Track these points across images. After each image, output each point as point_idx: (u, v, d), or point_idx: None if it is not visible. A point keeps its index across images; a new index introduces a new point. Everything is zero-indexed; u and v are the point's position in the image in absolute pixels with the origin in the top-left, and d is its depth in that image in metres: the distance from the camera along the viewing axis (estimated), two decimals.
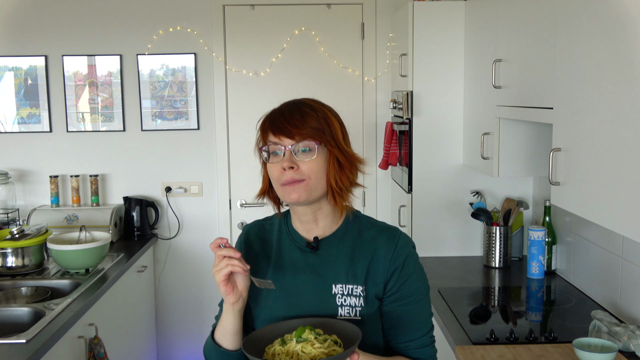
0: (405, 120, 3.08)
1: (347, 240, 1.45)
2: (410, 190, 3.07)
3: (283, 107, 1.41)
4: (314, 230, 1.45)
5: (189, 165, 3.74)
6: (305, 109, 1.38)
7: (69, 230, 3.29)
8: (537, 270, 2.72)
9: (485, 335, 2.06)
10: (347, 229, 1.46)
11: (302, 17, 3.65)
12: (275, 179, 1.39)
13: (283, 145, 1.36)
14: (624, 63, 1.48)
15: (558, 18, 1.84)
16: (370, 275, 1.41)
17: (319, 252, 1.44)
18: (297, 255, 1.45)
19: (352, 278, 1.41)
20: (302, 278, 1.43)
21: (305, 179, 1.35)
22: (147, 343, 3.60)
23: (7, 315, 2.42)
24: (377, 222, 1.49)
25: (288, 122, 1.35)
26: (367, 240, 1.44)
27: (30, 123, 3.66)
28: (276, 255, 1.47)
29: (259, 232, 1.53)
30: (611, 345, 1.82)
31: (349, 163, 1.41)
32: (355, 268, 1.41)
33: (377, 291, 1.41)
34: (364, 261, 1.42)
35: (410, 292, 1.42)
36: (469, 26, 2.93)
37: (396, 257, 1.41)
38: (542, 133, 2.57)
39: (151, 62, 3.65)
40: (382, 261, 1.41)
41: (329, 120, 1.39)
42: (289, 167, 1.35)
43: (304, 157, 1.35)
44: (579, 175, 1.73)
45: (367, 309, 1.40)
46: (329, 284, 1.41)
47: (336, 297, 1.40)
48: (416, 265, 1.45)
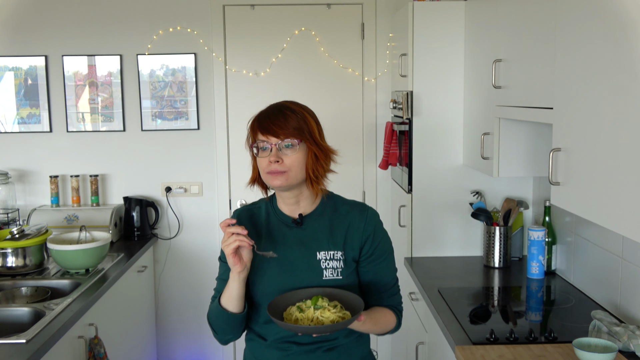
0: (405, 120, 3.08)
1: (325, 215, 1.76)
2: (410, 190, 3.07)
3: (268, 110, 1.71)
4: (296, 210, 1.76)
5: (189, 165, 3.74)
6: (286, 112, 1.67)
7: (69, 230, 3.29)
8: (537, 270, 2.72)
9: (485, 335, 2.06)
10: (325, 207, 1.77)
11: (302, 17, 3.66)
12: (263, 169, 1.68)
13: (270, 142, 1.65)
14: (624, 63, 1.48)
15: (558, 18, 1.84)
16: (347, 242, 1.73)
17: (304, 227, 1.75)
18: (285, 231, 1.75)
19: (333, 245, 1.73)
20: (291, 249, 1.73)
21: (287, 170, 1.65)
22: (147, 343, 3.60)
23: (7, 315, 2.42)
24: (349, 200, 1.82)
25: (273, 123, 1.65)
26: (342, 214, 1.77)
27: (30, 123, 3.66)
28: (266, 232, 1.76)
29: (248, 214, 1.81)
30: (611, 345, 1.82)
31: (324, 155, 1.71)
32: (335, 237, 1.73)
33: (354, 255, 1.74)
34: (341, 231, 1.74)
35: (381, 253, 1.77)
36: (469, 26, 2.93)
37: (367, 226, 1.75)
38: (542, 133, 2.57)
39: (151, 62, 3.65)
40: (357, 230, 1.74)
41: (307, 120, 1.68)
42: (275, 161, 1.64)
43: (287, 152, 1.65)
44: (579, 175, 1.73)
45: (346, 269, 1.72)
46: (314, 251, 1.72)
47: (320, 261, 1.71)
48: (383, 231, 1.80)
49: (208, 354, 3.85)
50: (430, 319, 2.53)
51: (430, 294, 2.55)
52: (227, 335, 1.75)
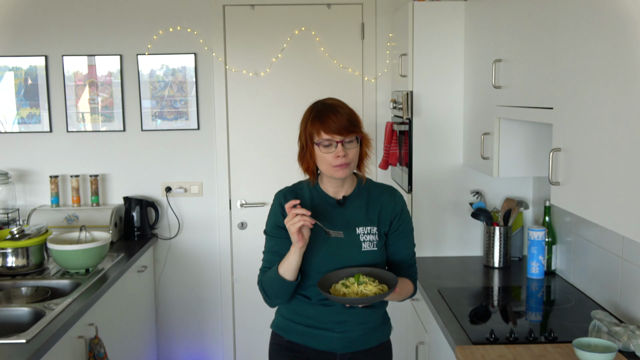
0: (405, 120, 3.08)
1: (361, 196, 2.05)
2: (410, 190, 3.07)
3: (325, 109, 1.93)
4: (340, 192, 2.04)
5: (189, 165, 3.74)
6: (341, 111, 1.93)
7: (69, 230, 3.29)
8: (537, 270, 2.72)
9: (485, 335, 2.06)
10: (361, 189, 2.06)
11: (302, 17, 3.65)
12: (329, 163, 1.92)
13: (336, 140, 1.90)
14: (623, 63, 1.48)
15: (558, 18, 1.84)
16: (381, 219, 2.03)
17: (345, 207, 2.03)
18: (329, 210, 2.02)
19: (369, 222, 2.02)
20: (336, 225, 1.99)
21: (350, 162, 1.93)
22: (147, 343, 3.60)
23: (7, 315, 2.42)
24: (379, 183, 2.12)
25: (336, 123, 1.90)
26: (375, 195, 2.06)
27: (30, 123, 3.66)
28: (312, 211, 1.94)
29: (294, 194, 2.04)
30: (611, 345, 1.82)
31: (369, 146, 2.03)
32: (370, 215, 2.03)
33: (385, 229, 2.04)
34: (375, 210, 2.04)
35: (405, 229, 2.08)
36: (469, 26, 2.93)
37: (396, 205, 2.06)
38: (542, 133, 2.57)
39: (151, 62, 3.65)
40: (388, 208, 2.05)
41: (354, 115, 1.97)
42: (343, 155, 1.90)
43: (349, 146, 1.93)
44: (579, 175, 1.73)
45: (380, 242, 2.03)
46: (354, 227, 2.01)
47: (359, 235, 2.00)
48: (407, 212, 2.11)
49: (208, 354, 3.85)
50: (430, 319, 2.53)
51: (430, 294, 2.55)
52: (279, 299, 2.00)
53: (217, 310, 3.81)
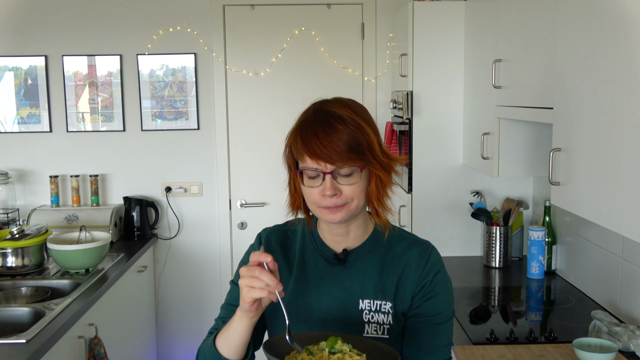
0: (405, 120, 3.08)
1: (376, 252, 1.37)
2: (410, 190, 3.07)
3: (313, 120, 1.28)
4: (343, 242, 1.38)
5: (189, 165, 3.74)
6: (337, 124, 1.26)
7: (69, 230, 3.29)
8: (537, 270, 2.72)
9: (485, 335, 2.06)
10: (377, 240, 1.38)
11: (302, 17, 3.65)
12: (313, 201, 1.30)
13: (323, 171, 1.26)
14: (623, 63, 1.48)
15: (558, 18, 1.84)
16: (399, 292, 1.34)
17: (347, 265, 1.37)
18: (322, 266, 1.38)
19: (381, 294, 1.34)
20: (328, 291, 1.36)
21: (347, 202, 1.28)
22: (147, 343, 3.60)
23: (7, 315, 2.42)
24: (408, 235, 1.42)
25: (324, 144, 1.24)
26: (397, 253, 1.37)
27: (30, 123, 3.66)
28: (299, 266, 1.40)
29: (281, 238, 1.44)
30: (611, 345, 1.82)
31: (388, 173, 1.32)
32: (384, 283, 1.35)
33: (405, 308, 1.34)
34: (393, 276, 1.35)
35: (432, 312, 1.34)
36: (469, 26, 2.93)
37: (427, 272, 1.35)
38: (542, 133, 2.57)
39: (151, 62, 3.65)
40: (412, 276, 1.34)
41: (364, 132, 1.27)
42: (332, 195, 1.26)
43: (345, 180, 1.27)
44: (579, 175, 1.73)
45: (395, 327, 1.33)
46: (356, 298, 1.34)
47: (363, 312, 1.33)
48: (445, 285, 1.37)
49: None
50: None
51: None
52: None
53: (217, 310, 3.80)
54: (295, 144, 1.29)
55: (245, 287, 1.17)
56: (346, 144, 1.24)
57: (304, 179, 1.29)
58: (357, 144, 1.25)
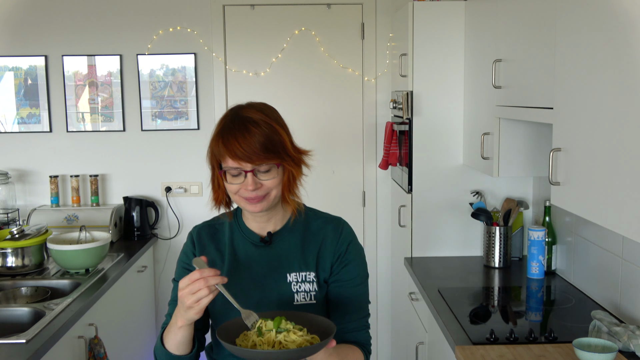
0: (405, 120, 3.08)
1: (296, 231, 1.59)
2: (410, 190, 3.07)
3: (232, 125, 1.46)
4: (266, 227, 1.59)
5: (189, 165, 3.74)
6: (253, 128, 1.44)
7: (69, 230, 3.29)
8: (537, 270, 2.72)
9: (485, 335, 2.06)
10: (296, 222, 1.60)
11: (302, 17, 3.65)
12: (235, 193, 1.50)
13: (244, 170, 1.45)
14: (624, 63, 1.48)
15: (558, 18, 1.84)
16: (320, 262, 1.57)
17: (273, 246, 1.58)
18: (251, 251, 1.58)
19: (305, 266, 1.56)
20: (259, 271, 1.56)
21: (267, 193, 1.49)
22: (147, 343, 3.60)
23: (7, 315, 2.42)
24: (322, 213, 1.65)
25: (243, 146, 1.42)
26: (314, 230, 1.59)
27: (30, 123, 3.66)
28: (230, 253, 1.59)
29: (210, 232, 1.64)
30: (611, 345, 1.81)
31: (299, 167, 1.53)
32: (307, 256, 1.57)
33: (326, 276, 1.57)
34: (313, 249, 1.57)
35: (348, 277, 1.57)
36: (469, 26, 2.93)
37: (341, 243, 1.58)
38: (542, 133, 2.57)
39: (151, 62, 3.65)
40: (329, 248, 1.57)
41: (277, 132, 1.47)
42: (253, 189, 1.46)
43: (264, 176, 1.47)
44: (579, 175, 1.73)
45: (320, 292, 1.55)
46: (284, 273, 1.55)
47: (291, 284, 1.54)
48: (357, 252, 1.60)
49: None
50: (430, 319, 2.53)
51: (430, 294, 2.55)
52: None
53: None
54: (218, 147, 1.46)
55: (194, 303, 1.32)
56: (262, 145, 1.43)
57: (228, 177, 1.48)
58: (272, 144, 1.45)
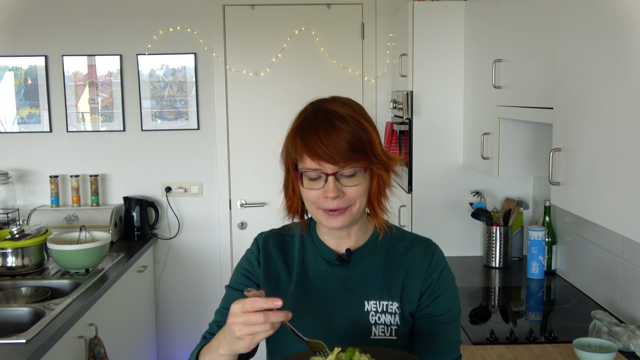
0: (405, 120, 3.08)
1: (379, 252, 1.34)
2: (410, 190, 3.07)
3: (313, 120, 1.24)
4: (345, 243, 1.34)
5: (189, 165, 3.74)
6: (339, 123, 1.22)
7: (69, 230, 3.29)
8: (537, 270, 2.72)
9: (485, 335, 2.06)
10: (378, 240, 1.35)
11: (302, 17, 3.65)
12: (313, 202, 1.26)
13: (325, 172, 1.22)
14: (623, 63, 1.48)
15: (558, 18, 1.84)
16: (405, 291, 1.31)
17: (350, 266, 1.33)
18: (324, 269, 1.33)
19: (387, 294, 1.30)
20: (331, 294, 1.31)
21: (350, 205, 1.25)
22: (147, 343, 3.60)
23: (7, 315, 2.42)
24: (409, 233, 1.40)
25: (326, 145, 1.20)
26: (400, 252, 1.34)
27: (30, 123, 3.66)
28: (299, 268, 1.35)
29: (278, 242, 1.39)
30: (611, 345, 1.82)
31: (389, 173, 1.29)
32: (390, 283, 1.31)
33: (412, 308, 1.31)
34: (398, 275, 1.32)
35: (441, 310, 1.31)
36: (469, 26, 2.93)
37: (432, 270, 1.32)
38: (542, 133, 2.57)
39: (151, 62, 3.65)
40: (418, 274, 1.31)
41: (366, 131, 1.25)
42: (334, 197, 1.22)
43: (348, 182, 1.23)
44: (579, 175, 1.73)
45: (403, 327, 1.29)
46: (362, 300, 1.30)
47: (369, 314, 1.29)
48: (451, 282, 1.34)
49: None
50: None
51: None
52: None
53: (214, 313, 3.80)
54: (295, 145, 1.25)
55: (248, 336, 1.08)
56: (349, 143, 1.21)
57: (304, 181, 1.25)
58: (360, 143, 1.22)
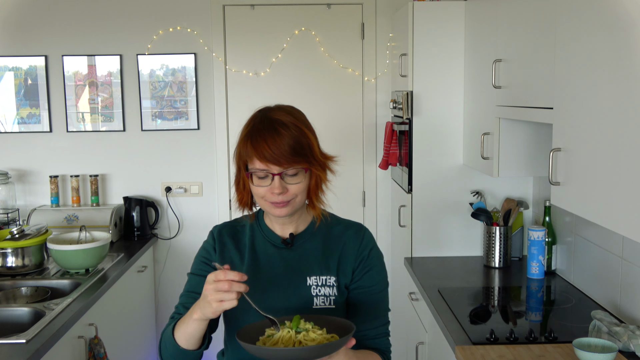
0: (405, 120, 3.08)
1: (318, 235, 1.59)
2: (410, 190, 3.07)
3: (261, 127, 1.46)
4: (288, 229, 1.58)
5: (189, 165, 3.74)
6: (282, 130, 1.43)
7: (69, 230, 3.29)
8: (537, 270, 2.72)
9: (485, 335, 2.06)
10: (318, 226, 1.59)
11: (302, 17, 3.66)
12: (261, 196, 1.49)
13: (271, 172, 1.44)
14: (623, 63, 1.48)
15: (558, 18, 1.84)
16: (341, 267, 1.55)
17: (293, 248, 1.58)
18: (271, 252, 1.57)
19: (325, 270, 1.55)
20: (278, 272, 1.55)
21: (292, 198, 1.48)
22: (147, 343, 3.60)
23: (7, 315, 2.42)
24: (342, 219, 1.65)
25: (272, 149, 1.42)
26: (335, 235, 1.59)
27: (30, 123, 3.66)
28: (250, 253, 1.58)
29: (231, 232, 1.63)
30: (611, 345, 1.82)
31: (325, 171, 1.52)
32: (328, 260, 1.56)
33: (347, 281, 1.56)
34: (334, 254, 1.57)
35: (370, 283, 1.56)
36: (469, 26, 2.93)
37: (363, 249, 1.57)
38: (542, 133, 2.57)
39: (151, 62, 3.65)
40: (351, 253, 1.57)
41: (306, 136, 1.46)
42: (279, 193, 1.45)
43: (291, 180, 1.46)
44: (579, 175, 1.73)
45: (340, 297, 1.54)
46: (304, 276, 1.54)
47: (311, 288, 1.53)
48: (379, 259, 1.60)
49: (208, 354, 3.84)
50: (430, 319, 2.53)
51: (430, 294, 2.55)
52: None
53: None
54: (246, 148, 1.46)
55: (216, 302, 1.31)
56: (291, 148, 1.43)
57: (254, 179, 1.48)
58: (301, 147, 1.44)
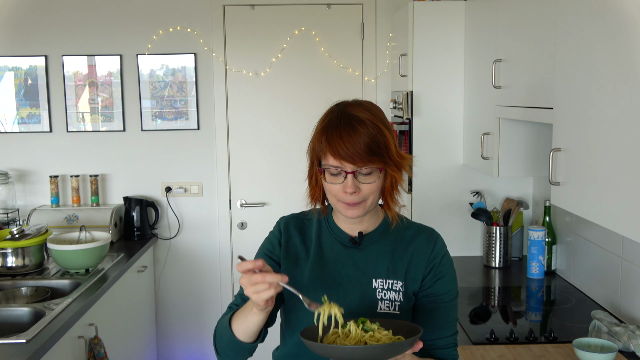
0: (405, 120, 3.08)
1: (387, 237, 1.51)
2: (410, 190, 3.07)
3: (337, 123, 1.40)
4: (357, 228, 1.51)
5: (189, 165, 3.74)
6: (359, 127, 1.37)
7: (69, 230, 3.28)
8: (537, 270, 2.72)
9: (485, 335, 2.06)
10: (387, 227, 1.52)
11: (302, 17, 3.65)
12: (334, 195, 1.43)
13: (345, 170, 1.38)
14: (624, 63, 1.48)
15: (558, 18, 1.84)
16: (410, 272, 1.48)
17: (361, 248, 1.51)
18: (338, 250, 1.51)
19: (393, 273, 1.47)
20: (343, 271, 1.49)
21: (364, 199, 1.42)
22: (147, 343, 3.60)
23: (7, 315, 2.42)
24: (414, 223, 1.57)
25: (347, 146, 1.36)
26: (406, 238, 1.52)
27: (30, 123, 3.66)
28: (316, 248, 1.52)
29: (298, 224, 1.57)
30: (611, 345, 1.82)
31: (400, 172, 1.45)
32: (396, 264, 1.48)
33: (415, 288, 1.48)
34: (404, 258, 1.49)
35: (441, 291, 1.48)
36: (469, 26, 2.93)
37: (435, 255, 1.49)
38: (542, 133, 2.57)
39: (151, 62, 3.65)
40: (422, 258, 1.48)
41: (383, 134, 1.40)
42: (351, 192, 1.39)
43: (365, 179, 1.40)
44: (579, 175, 1.73)
45: (405, 304, 1.46)
46: (370, 278, 1.47)
47: (376, 291, 1.46)
48: (450, 267, 1.52)
49: (208, 354, 3.84)
50: None
51: None
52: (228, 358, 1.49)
53: (217, 311, 3.80)
54: (320, 143, 1.41)
55: (253, 294, 1.28)
56: (367, 146, 1.36)
57: (327, 176, 1.42)
58: (377, 146, 1.38)
